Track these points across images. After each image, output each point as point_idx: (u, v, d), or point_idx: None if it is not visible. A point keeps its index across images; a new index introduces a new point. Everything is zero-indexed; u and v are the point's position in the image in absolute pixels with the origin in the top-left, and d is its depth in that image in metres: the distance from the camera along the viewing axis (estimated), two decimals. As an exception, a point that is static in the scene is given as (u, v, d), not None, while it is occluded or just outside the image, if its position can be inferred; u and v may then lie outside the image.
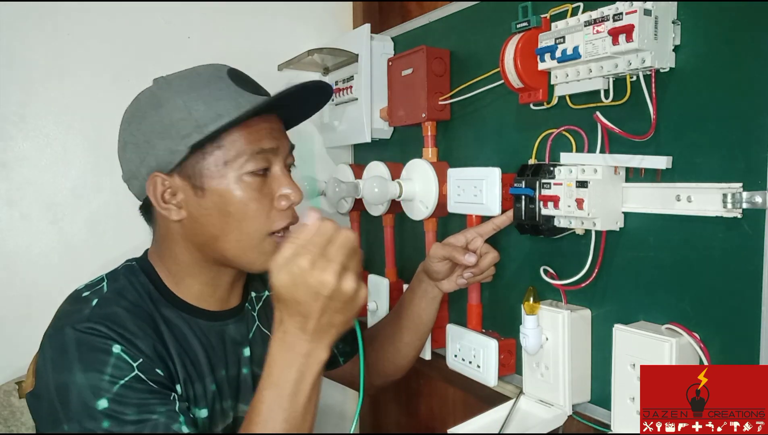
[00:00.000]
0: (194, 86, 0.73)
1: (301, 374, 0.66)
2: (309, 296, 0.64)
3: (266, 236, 0.75)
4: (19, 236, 1.09)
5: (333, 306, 0.64)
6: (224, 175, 0.73)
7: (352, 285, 0.64)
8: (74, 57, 1.10)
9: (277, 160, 0.76)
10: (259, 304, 0.90)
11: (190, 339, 0.77)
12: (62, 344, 0.68)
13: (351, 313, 0.67)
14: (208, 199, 0.73)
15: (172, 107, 0.72)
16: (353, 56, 1.17)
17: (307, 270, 0.63)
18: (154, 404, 0.67)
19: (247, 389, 0.83)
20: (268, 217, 0.75)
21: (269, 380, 0.66)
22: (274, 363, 0.67)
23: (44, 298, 1.08)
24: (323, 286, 0.63)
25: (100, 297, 0.73)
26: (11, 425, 0.98)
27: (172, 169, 0.73)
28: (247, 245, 0.75)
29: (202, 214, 0.74)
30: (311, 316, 0.65)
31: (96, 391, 0.65)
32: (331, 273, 0.63)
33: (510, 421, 0.86)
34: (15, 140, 1.08)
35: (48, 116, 1.10)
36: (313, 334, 0.66)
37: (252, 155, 0.73)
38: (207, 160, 0.72)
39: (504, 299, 0.97)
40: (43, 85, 1.09)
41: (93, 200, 1.14)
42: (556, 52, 0.76)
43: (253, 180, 0.74)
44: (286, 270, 0.64)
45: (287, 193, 0.75)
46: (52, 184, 1.11)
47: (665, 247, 0.73)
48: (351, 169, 1.23)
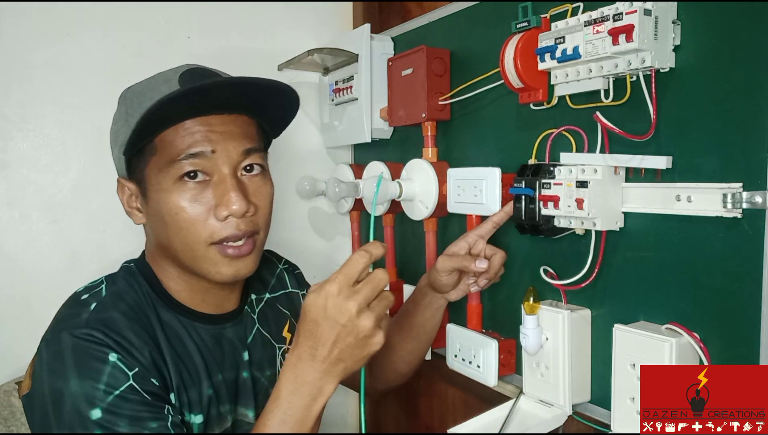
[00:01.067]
0: (141, 92, 0.73)
1: (310, 402, 0.66)
2: (326, 321, 0.64)
3: (208, 246, 0.72)
4: (19, 236, 1.09)
5: (346, 339, 0.64)
6: (160, 181, 0.71)
7: (370, 324, 0.64)
8: (74, 57, 1.10)
9: (221, 166, 0.71)
10: (260, 306, 0.89)
11: (187, 343, 0.76)
12: (59, 350, 0.67)
13: (363, 352, 0.65)
14: (152, 206, 0.73)
15: (118, 115, 0.75)
16: (353, 56, 1.17)
17: (333, 295, 0.63)
18: (147, 418, 0.67)
19: (247, 393, 0.82)
20: (205, 226, 0.71)
21: (277, 403, 0.66)
22: (284, 388, 0.66)
23: (44, 298, 1.09)
24: (341, 314, 0.63)
25: (99, 301, 0.72)
26: (11, 425, 0.98)
27: (127, 175, 0.75)
28: (191, 256, 0.73)
29: (150, 220, 0.75)
30: (324, 342, 0.64)
31: (90, 401, 0.65)
32: (354, 304, 0.63)
33: (510, 421, 0.86)
34: (15, 140, 1.08)
35: (48, 116, 1.10)
36: (323, 363, 0.65)
37: (180, 158, 0.69)
38: (148, 165, 0.72)
39: (504, 299, 0.97)
40: (43, 85, 1.09)
41: (93, 200, 1.14)
42: (556, 52, 0.76)
43: (186, 186, 0.70)
44: (317, 291, 0.64)
45: (225, 203, 0.70)
46: (52, 184, 1.11)
47: (665, 247, 0.73)
48: (351, 169, 1.23)
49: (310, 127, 1.36)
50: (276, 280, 0.95)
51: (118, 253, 0.87)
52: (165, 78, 0.73)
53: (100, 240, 1.14)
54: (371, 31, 1.17)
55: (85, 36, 1.11)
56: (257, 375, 0.84)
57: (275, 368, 0.87)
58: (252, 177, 0.75)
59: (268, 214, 0.77)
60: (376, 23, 1.29)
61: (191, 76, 0.72)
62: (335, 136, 1.30)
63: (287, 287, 0.96)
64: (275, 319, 0.90)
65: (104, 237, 1.14)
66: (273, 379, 0.86)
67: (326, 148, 1.38)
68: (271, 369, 0.86)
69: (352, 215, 1.31)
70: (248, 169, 0.75)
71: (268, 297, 0.91)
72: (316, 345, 0.65)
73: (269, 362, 0.86)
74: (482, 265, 0.86)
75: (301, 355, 0.66)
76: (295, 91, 0.76)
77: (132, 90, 0.75)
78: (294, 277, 0.99)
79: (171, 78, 0.72)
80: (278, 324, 0.90)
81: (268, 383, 0.85)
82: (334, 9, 1.37)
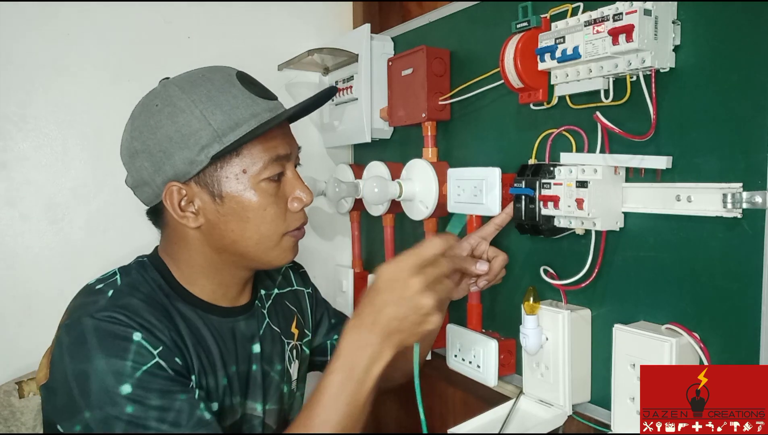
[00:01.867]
0: (209, 94, 0.73)
1: (370, 364, 0.68)
2: (392, 292, 0.67)
3: (283, 236, 0.79)
4: (19, 236, 1.09)
5: (407, 312, 0.66)
6: (242, 182, 0.75)
7: (431, 302, 0.66)
8: (74, 57, 1.10)
9: (289, 164, 0.79)
10: (269, 302, 0.90)
11: (204, 332, 0.78)
12: (81, 333, 0.67)
13: (419, 328, 0.67)
14: (227, 206, 0.75)
15: (189, 117, 0.72)
16: (353, 56, 1.17)
17: (403, 270, 0.66)
18: (176, 391, 0.68)
19: (257, 386, 0.83)
20: (284, 219, 0.78)
21: (340, 362, 0.68)
22: (346, 348, 0.68)
23: (44, 298, 1.09)
24: (407, 288, 0.66)
25: (115, 289, 0.73)
26: (11, 425, 0.97)
27: (191, 179, 0.74)
28: (266, 246, 0.78)
29: (220, 220, 0.76)
30: (386, 311, 0.67)
31: (118, 377, 0.65)
32: (419, 281, 0.66)
33: (510, 421, 0.86)
34: (15, 140, 1.08)
35: (48, 116, 1.10)
36: (382, 330, 0.67)
37: (269, 162, 0.75)
38: (225, 168, 0.74)
39: (504, 299, 0.97)
40: (43, 85, 1.09)
41: (93, 200, 1.14)
42: (556, 52, 0.76)
43: (269, 185, 0.76)
44: (390, 264, 0.68)
45: (300, 196, 0.79)
46: (52, 184, 1.11)
47: (665, 247, 0.73)
48: (351, 169, 1.23)
49: (310, 127, 1.36)
50: (282, 278, 0.97)
51: (118, 253, 0.87)
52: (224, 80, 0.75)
53: (100, 240, 1.14)
54: (371, 31, 1.17)
55: (85, 36, 1.11)
56: (267, 369, 0.85)
57: (284, 363, 0.88)
58: (298, 171, 0.82)
59: None
60: (376, 23, 1.29)
61: (248, 79, 0.77)
62: (335, 136, 1.30)
63: (293, 285, 0.98)
64: (284, 314, 0.92)
65: (104, 237, 1.14)
66: (282, 373, 0.87)
67: (326, 148, 1.38)
68: (280, 363, 0.87)
69: (352, 215, 1.31)
70: (297, 165, 0.82)
71: (277, 293, 0.93)
72: (378, 312, 0.67)
73: (279, 357, 0.87)
74: (483, 268, 0.86)
75: (363, 320, 0.68)
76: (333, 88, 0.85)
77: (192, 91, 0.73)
78: (299, 275, 1.01)
79: (231, 82, 0.75)
80: (287, 320, 0.92)
81: (279, 378, 0.86)
82: (334, 9, 1.37)
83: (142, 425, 0.65)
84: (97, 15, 1.12)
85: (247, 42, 1.27)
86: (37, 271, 1.10)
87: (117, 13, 1.13)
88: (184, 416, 0.67)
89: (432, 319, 0.67)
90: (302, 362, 0.94)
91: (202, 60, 0.80)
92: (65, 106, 1.11)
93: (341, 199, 1.22)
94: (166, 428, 0.65)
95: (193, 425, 0.67)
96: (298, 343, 0.93)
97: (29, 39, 1.07)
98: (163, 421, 0.66)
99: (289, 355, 0.90)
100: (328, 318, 1.02)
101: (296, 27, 1.32)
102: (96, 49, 1.12)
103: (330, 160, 1.39)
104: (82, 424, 0.66)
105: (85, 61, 1.11)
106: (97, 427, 0.65)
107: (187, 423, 0.67)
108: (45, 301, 1.09)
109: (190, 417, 0.67)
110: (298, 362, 0.93)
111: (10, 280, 1.08)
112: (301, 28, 1.33)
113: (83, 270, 1.11)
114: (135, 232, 1.11)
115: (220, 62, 0.79)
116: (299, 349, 0.93)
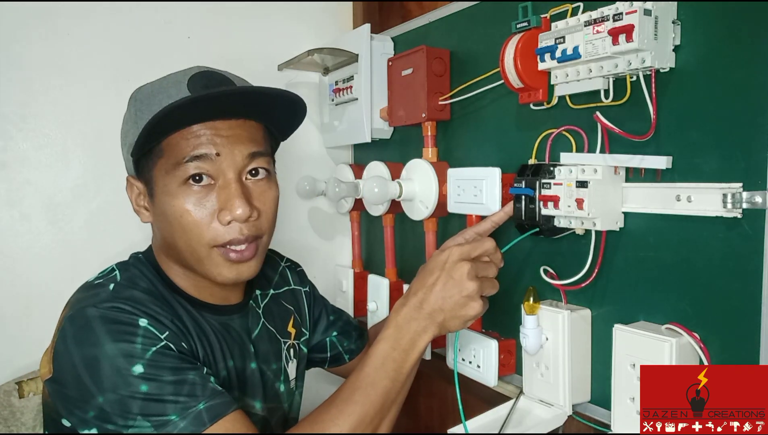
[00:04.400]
0: (151, 94, 0.73)
1: (416, 337, 0.73)
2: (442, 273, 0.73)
3: (211, 249, 0.73)
4: (19, 236, 1.09)
5: (452, 293, 0.72)
6: (166, 183, 0.72)
7: (475, 287, 0.72)
8: (74, 57, 1.10)
9: (225, 169, 0.72)
10: (265, 302, 0.90)
11: (203, 325, 0.78)
12: (86, 322, 0.67)
13: (461, 311, 0.73)
14: (158, 206, 0.74)
15: (127, 115, 0.75)
16: (353, 56, 1.17)
17: (454, 256, 0.73)
18: (187, 368, 0.68)
19: (255, 383, 0.82)
20: (208, 229, 0.72)
21: (388, 332, 0.74)
22: (394, 319, 0.74)
23: (44, 298, 1.09)
24: (455, 270, 0.72)
25: (116, 283, 0.74)
26: (11, 425, 0.97)
27: (136, 174, 0.76)
28: (196, 257, 0.74)
29: (156, 220, 0.76)
30: (435, 291, 0.73)
31: (129, 359, 0.65)
32: (467, 267, 0.72)
33: (510, 421, 0.86)
34: (15, 140, 1.08)
35: (48, 116, 1.10)
36: (429, 307, 0.73)
37: (183, 162, 0.70)
38: (156, 167, 0.73)
39: (504, 299, 0.97)
40: (43, 85, 1.09)
41: (93, 200, 1.14)
42: (556, 52, 0.76)
43: (191, 190, 0.71)
44: (444, 249, 0.75)
45: (229, 207, 0.71)
46: (52, 184, 1.11)
47: (665, 247, 0.73)
48: (351, 169, 1.23)
49: (310, 127, 1.36)
50: (279, 277, 0.97)
51: (118, 253, 0.87)
52: (174, 80, 0.73)
53: (100, 240, 1.14)
54: (371, 31, 1.17)
55: (85, 36, 1.11)
56: (263, 368, 0.85)
57: (281, 362, 0.88)
58: (257, 181, 0.75)
59: (272, 219, 0.78)
60: (376, 23, 1.29)
61: (200, 81, 0.72)
62: (335, 136, 1.30)
63: (290, 284, 0.98)
64: (280, 314, 0.92)
65: (104, 237, 1.14)
66: (278, 372, 0.87)
67: (326, 148, 1.38)
68: (277, 363, 0.87)
69: (352, 215, 1.31)
70: (253, 174, 0.75)
71: (273, 293, 0.93)
72: (428, 291, 0.73)
73: (275, 356, 0.87)
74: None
75: (411, 297, 0.74)
76: (302, 100, 0.76)
77: (142, 91, 0.75)
78: (296, 274, 1.01)
79: (180, 81, 0.73)
80: (283, 319, 0.92)
81: (273, 376, 0.86)
82: (334, 9, 1.37)
83: (159, 401, 0.65)
84: (97, 15, 1.12)
85: (247, 42, 1.27)
86: (37, 271, 1.10)
87: (117, 13, 1.13)
88: (198, 388, 0.67)
89: (474, 304, 0.72)
90: (300, 361, 0.94)
91: (202, 60, 0.80)
92: (65, 106, 1.10)
93: (341, 199, 1.22)
94: (183, 400, 0.65)
95: (209, 395, 0.67)
96: (296, 342, 0.93)
97: (29, 39, 1.07)
98: (179, 394, 0.66)
99: (285, 354, 0.90)
100: (327, 315, 1.02)
101: (296, 27, 1.32)
102: (96, 49, 1.12)
103: (330, 160, 1.39)
104: (95, 410, 0.65)
105: (85, 61, 1.11)
106: (112, 410, 0.64)
107: (203, 393, 0.67)
108: (45, 301, 1.09)
109: (204, 388, 0.67)
110: (296, 361, 0.93)
111: (10, 280, 1.08)
112: (301, 28, 1.32)
113: (83, 270, 1.11)
114: (135, 232, 1.11)
115: (220, 62, 0.79)
116: (297, 348, 0.93)
